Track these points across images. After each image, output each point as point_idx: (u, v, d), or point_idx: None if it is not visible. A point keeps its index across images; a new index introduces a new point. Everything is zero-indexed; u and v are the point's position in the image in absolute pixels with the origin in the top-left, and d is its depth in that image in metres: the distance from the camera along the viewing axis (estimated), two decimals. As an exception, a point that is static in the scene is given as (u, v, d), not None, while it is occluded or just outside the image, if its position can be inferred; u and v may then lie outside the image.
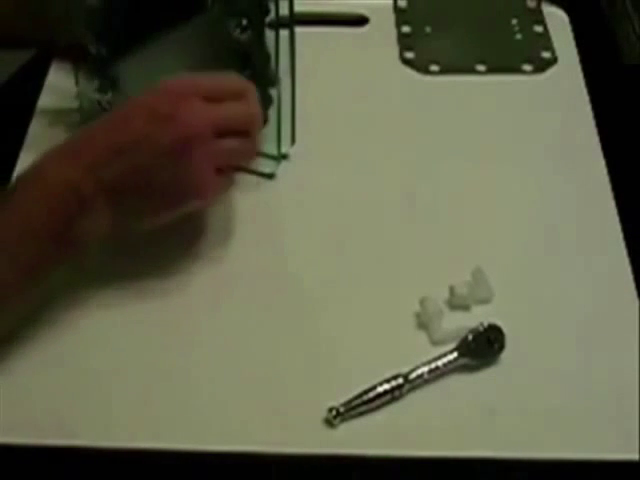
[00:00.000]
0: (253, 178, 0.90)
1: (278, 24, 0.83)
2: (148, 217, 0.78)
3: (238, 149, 0.80)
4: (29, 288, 0.74)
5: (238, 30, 0.84)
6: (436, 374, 0.76)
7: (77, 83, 0.90)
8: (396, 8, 1.08)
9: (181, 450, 0.72)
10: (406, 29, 1.06)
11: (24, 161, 0.87)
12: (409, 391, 0.75)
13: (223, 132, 0.78)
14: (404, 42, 1.04)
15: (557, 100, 0.99)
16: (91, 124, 0.79)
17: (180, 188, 0.77)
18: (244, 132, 0.80)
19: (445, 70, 1.01)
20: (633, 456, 0.72)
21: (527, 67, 1.02)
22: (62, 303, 0.79)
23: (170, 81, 0.78)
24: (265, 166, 0.90)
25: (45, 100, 0.95)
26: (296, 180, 0.90)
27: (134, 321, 0.79)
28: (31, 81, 0.98)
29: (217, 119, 0.77)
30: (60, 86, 0.94)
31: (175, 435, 0.73)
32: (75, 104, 0.91)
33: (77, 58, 0.89)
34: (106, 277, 0.81)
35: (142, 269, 0.82)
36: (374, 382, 0.74)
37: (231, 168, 0.82)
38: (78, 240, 0.75)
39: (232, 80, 0.81)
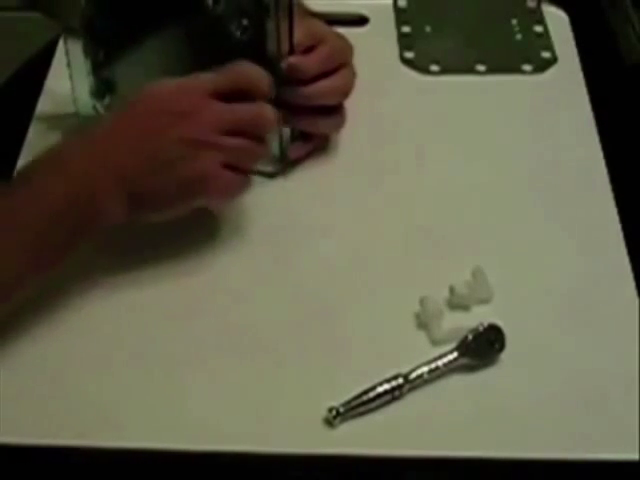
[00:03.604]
0: (255, 178, 0.90)
1: (278, 25, 0.83)
2: (160, 208, 0.80)
3: (248, 149, 0.81)
4: (41, 271, 0.76)
5: (239, 31, 0.84)
6: (436, 374, 0.76)
7: (73, 88, 0.90)
8: (396, 8, 1.08)
9: (180, 450, 0.72)
10: (406, 29, 1.06)
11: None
12: (409, 391, 0.75)
13: (235, 132, 0.79)
14: (404, 42, 1.04)
15: (557, 100, 0.99)
16: (110, 114, 0.83)
17: (190, 184, 0.79)
18: (255, 133, 0.81)
19: (445, 70, 1.01)
20: (633, 456, 0.72)
21: (527, 67, 1.02)
22: (64, 289, 0.80)
23: (188, 79, 0.80)
24: (267, 166, 0.90)
25: (44, 105, 0.95)
26: (297, 180, 0.90)
27: (133, 320, 0.79)
28: (29, 83, 0.98)
29: (231, 120, 0.79)
30: (58, 91, 0.94)
31: (174, 435, 0.73)
32: (73, 108, 0.91)
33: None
34: (109, 277, 0.82)
35: (142, 270, 0.82)
36: (374, 382, 0.74)
37: (245, 168, 0.82)
38: (92, 228, 0.78)
39: (248, 77, 0.81)
